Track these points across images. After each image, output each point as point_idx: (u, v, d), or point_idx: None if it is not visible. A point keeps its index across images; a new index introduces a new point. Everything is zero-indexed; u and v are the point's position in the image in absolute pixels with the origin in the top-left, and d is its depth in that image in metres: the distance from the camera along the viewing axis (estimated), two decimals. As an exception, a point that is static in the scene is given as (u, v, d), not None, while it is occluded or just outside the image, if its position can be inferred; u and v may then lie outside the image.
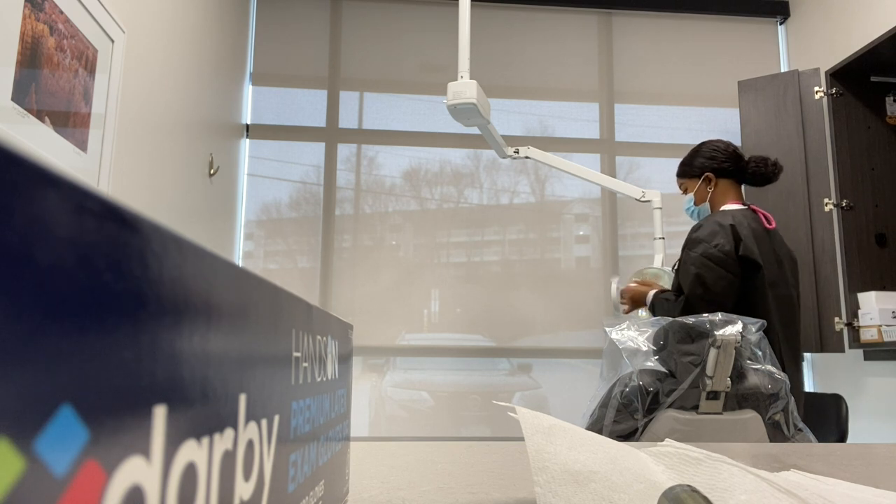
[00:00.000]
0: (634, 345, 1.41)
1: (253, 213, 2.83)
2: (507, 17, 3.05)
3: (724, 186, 1.74)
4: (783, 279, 1.63)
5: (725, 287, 1.54)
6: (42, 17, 1.23)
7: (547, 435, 0.34)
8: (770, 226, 1.66)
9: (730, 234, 1.57)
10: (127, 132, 1.63)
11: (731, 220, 1.60)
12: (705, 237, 1.58)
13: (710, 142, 1.78)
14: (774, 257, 1.63)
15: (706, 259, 1.55)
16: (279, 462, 0.20)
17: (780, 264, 1.63)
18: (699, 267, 1.55)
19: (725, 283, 1.54)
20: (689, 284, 1.57)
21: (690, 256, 1.59)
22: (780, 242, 1.68)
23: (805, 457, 0.54)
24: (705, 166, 1.75)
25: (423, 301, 2.81)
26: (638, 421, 1.37)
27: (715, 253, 1.55)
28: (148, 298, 0.11)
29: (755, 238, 1.59)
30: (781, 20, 3.13)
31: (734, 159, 1.73)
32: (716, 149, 1.75)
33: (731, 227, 1.58)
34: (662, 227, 2.10)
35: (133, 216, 0.11)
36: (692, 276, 1.56)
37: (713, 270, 1.54)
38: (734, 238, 1.56)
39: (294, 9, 2.96)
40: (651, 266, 1.98)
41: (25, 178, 0.08)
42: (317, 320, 0.26)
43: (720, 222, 1.60)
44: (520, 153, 2.18)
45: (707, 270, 1.54)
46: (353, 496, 0.38)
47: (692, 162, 1.79)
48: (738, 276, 1.56)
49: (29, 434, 0.08)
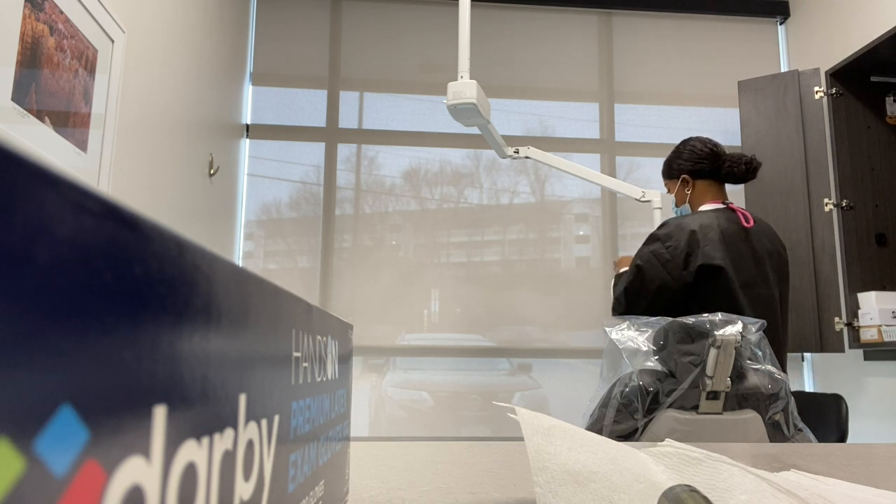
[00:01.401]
0: (634, 345, 1.41)
1: (253, 213, 2.83)
2: (507, 17, 3.05)
3: (703, 187, 1.73)
4: (763, 278, 1.60)
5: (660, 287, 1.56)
6: (42, 17, 1.23)
7: (547, 435, 0.34)
8: (748, 224, 1.64)
9: (687, 238, 1.56)
10: (127, 132, 1.63)
11: (696, 224, 1.58)
12: (662, 236, 1.60)
13: (687, 141, 1.77)
14: (752, 256, 1.60)
15: (653, 256, 1.57)
16: (279, 462, 0.20)
17: (758, 263, 1.61)
18: (644, 262, 1.59)
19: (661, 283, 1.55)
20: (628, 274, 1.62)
21: (642, 250, 1.62)
22: (761, 240, 1.65)
23: (805, 457, 0.54)
24: (682, 168, 1.75)
25: (423, 301, 2.81)
26: (638, 421, 1.37)
27: (663, 253, 1.56)
28: (148, 298, 0.11)
29: (724, 240, 1.57)
30: (781, 20, 3.13)
31: (710, 159, 1.71)
32: (692, 150, 1.74)
33: (690, 234, 1.56)
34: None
35: (133, 216, 0.11)
36: (634, 268, 1.61)
37: (654, 269, 1.56)
38: (690, 243, 1.55)
39: (294, 9, 2.96)
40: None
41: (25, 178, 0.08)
42: (317, 320, 0.26)
43: (682, 225, 1.59)
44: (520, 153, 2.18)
45: (649, 267, 1.57)
46: (353, 496, 0.38)
47: (671, 164, 1.79)
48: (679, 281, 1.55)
49: (29, 434, 0.08)
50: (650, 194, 2.14)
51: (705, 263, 1.53)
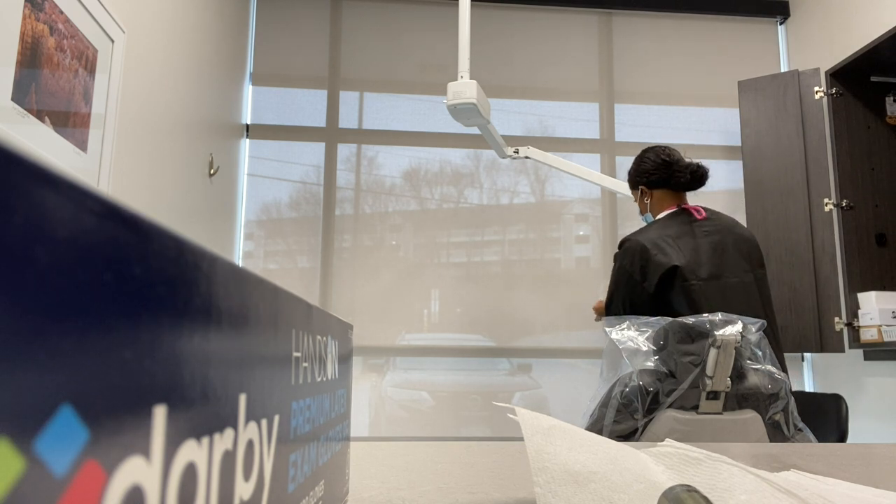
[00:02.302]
0: (634, 345, 1.41)
1: (253, 213, 2.83)
2: (507, 17, 3.05)
3: (660, 195, 1.77)
4: (730, 268, 1.60)
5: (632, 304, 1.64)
6: (42, 17, 1.23)
7: (547, 435, 0.34)
8: (700, 216, 1.67)
9: (638, 256, 1.61)
10: (127, 132, 1.63)
11: (645, 239, 1.63)
12: (619, 256, 1.68)
13: (644, 153, 1.81)
14: (711, 248, 1.61)
15: (619, 276, 1.66)
16: (279, 462, 0.20)
17: (720, 253, 1.61)
18: (614, 283, 1.67)
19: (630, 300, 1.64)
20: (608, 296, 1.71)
21: (613, 269, 1.70)
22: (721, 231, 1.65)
23: (805, 457, 0.54)
24: (639, 181, 1.81)
25: (423, 301, 2.81)
26: (638, 421, 1.37)
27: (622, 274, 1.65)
28: (148, 298, 0.11)
29: (676, 243, 1.60)
30: (781, 20, 3.13)
31: (662, 169, 1.75)
32: (644, 160, 1.79)
33: (641, 249, 1.61)
34: None
35: (133, 216, 0.11)
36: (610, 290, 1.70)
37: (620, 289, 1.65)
38: (642, 258, 1.60)
39: (294, 9, 2.96)
40: None
41: (25, 178, 0.08)
42: (317, 320, 0.26)
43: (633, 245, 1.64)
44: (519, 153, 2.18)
45: (617, 288, 1.66)
46: (353, 496, 0.38)
47: (631, 176, 1.85)
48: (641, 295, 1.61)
49: (29, 434, 0.08)
50: None
51: (661, 270, 1.57)
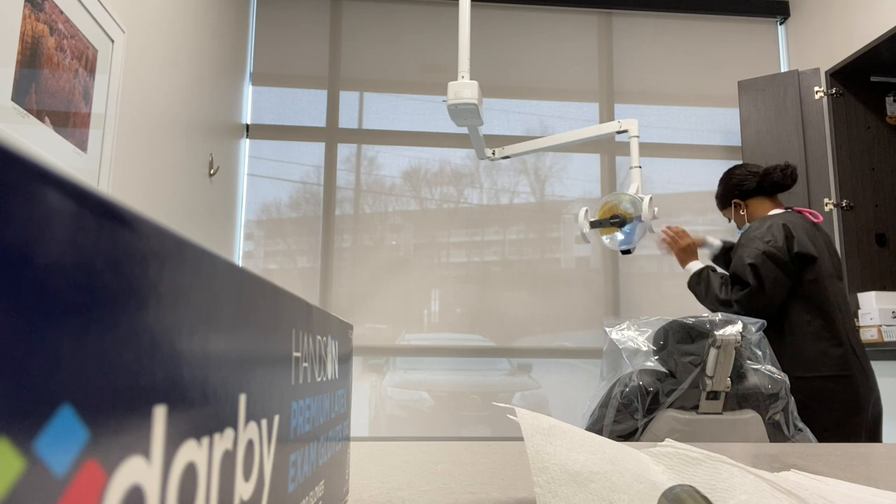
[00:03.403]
0: (634, 345, 1.41)
1: (253, 213, 2.83)
2: (507, 17, 3.05)
3: (756, 203, 1.84)
4: (838, 270, 1.72)
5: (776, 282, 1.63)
6: (42, 17, 1.23)
7: (547, 436, 0.34)
8: (817, 220, 1.76)
9: (782, 232, 1.66)
10: (127, 132, 1.63)
11: (782, 220, 1.69)
12: (759, 235, 1.68)
13: (731, 171, 1.90)
14: (827, 250, 1.72)
15: (764, 255, 1.64)
16: (279, 462, 0.20)
17: (833, 256, 1.73)
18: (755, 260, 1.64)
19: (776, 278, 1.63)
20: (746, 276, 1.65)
21: (747, 251, 1.68)
22: (827, 236, 1.77)
23: (805, 457, 0.54)
24: (731, 195, 1.88)
25: (423, 301, 2.81)
26: (638, 421, 1.37)
27: (769, 249, 1.65)
28: (148, 298, 0.11)
29: (807, 234, 1.68)
30: (781, 20, 3.13)
31: (752, 177, 1.83)
32: (732, 177, 1.87)
33: (783, 227, 1.67)
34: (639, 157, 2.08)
35: (133, 216, 0.11)
36: (748, 268, 1.65)
37: (767, 266, 1.64)
38: (786, 236, 1.66)
39: (294, 9, 2.96)
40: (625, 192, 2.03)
41: (25, 178, 0.08)
42: (317, 320, 0.26)
43: (772, 222, 1.69)
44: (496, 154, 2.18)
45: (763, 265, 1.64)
46: (353, 496, 0.38)
47: (721, 195, 1.92)
48: (790, 274, 1.65)
49: (29, 434, 0.08)
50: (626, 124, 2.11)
51: (802, 251, 1.63)
